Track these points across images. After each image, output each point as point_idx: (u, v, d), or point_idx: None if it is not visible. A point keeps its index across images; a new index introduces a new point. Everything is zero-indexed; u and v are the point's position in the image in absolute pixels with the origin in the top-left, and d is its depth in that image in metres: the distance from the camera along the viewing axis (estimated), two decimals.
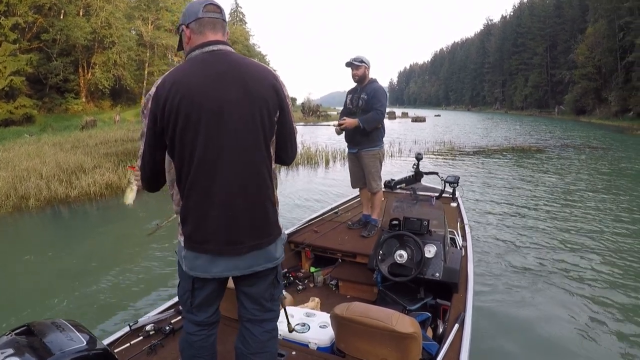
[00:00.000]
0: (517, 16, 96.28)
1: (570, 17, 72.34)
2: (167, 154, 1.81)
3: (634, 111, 43.38)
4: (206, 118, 1.69)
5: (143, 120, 1.77)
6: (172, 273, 5.43)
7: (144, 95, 39.98)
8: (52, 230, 7.79)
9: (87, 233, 7.41)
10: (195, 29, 1.79)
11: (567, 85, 66.54)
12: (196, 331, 1.95)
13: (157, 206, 7.95)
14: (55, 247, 6.57)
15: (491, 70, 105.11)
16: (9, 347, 1.66)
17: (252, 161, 1.78)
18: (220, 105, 1.71)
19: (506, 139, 25.20)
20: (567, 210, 8.34)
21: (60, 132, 23.65)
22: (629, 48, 45.86)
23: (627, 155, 17.87)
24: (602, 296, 4.65)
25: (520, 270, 5.35)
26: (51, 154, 13.70)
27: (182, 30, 1.83)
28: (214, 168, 1.72)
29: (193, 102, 1.68)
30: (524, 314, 4.29)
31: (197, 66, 1.75)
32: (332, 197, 8.22)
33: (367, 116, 4.27)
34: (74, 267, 5.78)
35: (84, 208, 8.85)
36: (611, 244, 6.35)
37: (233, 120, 1.73)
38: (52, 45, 30.37)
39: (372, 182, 4.49)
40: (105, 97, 37.17)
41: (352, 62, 4.38)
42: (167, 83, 1.69)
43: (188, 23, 1.80)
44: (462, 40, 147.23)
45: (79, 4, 33.21)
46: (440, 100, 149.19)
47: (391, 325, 2.11)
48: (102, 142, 19.48)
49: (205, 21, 1.79)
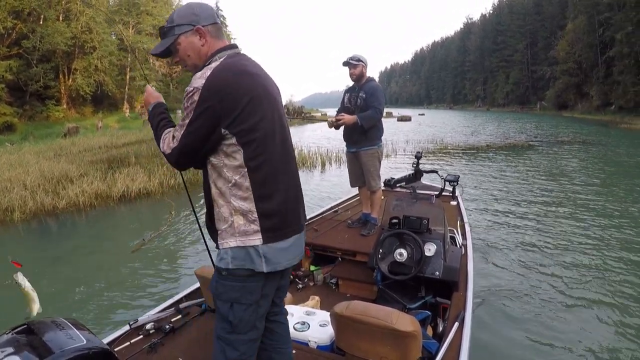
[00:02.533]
0: (496, 14, 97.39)
1: (550, 14, 73.28)
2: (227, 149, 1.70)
3: (615, 105, 44.01)
4: (276, 108, 1.81)
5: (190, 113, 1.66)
6: (172, 274, 5.62)
7: (126, 101, 39.87)
8: (39, 244, 7.32)
9: (78, 245, 6.99)
10: (213, 33, 1.80)
11: (548, 81, 67.43)
12: (253, 353, 1.85)
13: (152, 216, 7.71)
14: (43, 262, 6.19)
15: (472, 68, 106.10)
16: (9, 345, 1.64)
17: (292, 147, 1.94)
18: (277, 99, 1.84)
19: (498, 136, 25.31)
20: (568, 207, 8.29)
21: (42, 140, 23.12)
22: (610, 43, 46.55)
23: (620, 148, 18.10)
24: (603, 294, 4.62)
25: (520, 269, 5.33)
26: (34, 162, 13.28)
27: (191, 30, 1.76)
28: (287, 156, 1.84)
29: (267, 93, 1.76)
30: (524, 312, 4.27)
31: (247, 61, 1.79)
32: (330, 200, 7.96)
33: (365, 114, 4.28)
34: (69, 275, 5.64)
35: (73, 219, 8.41)
36: (613, 240, 6.31)
37: (282, 112, 1.86)
38: (32, 51, 29.60)
39: (371, 181, 4.49)
40: (87, 104, 36.33)
41: (349, 61, 4.40)
42: (228, 74, 1.67)
43: (206, 25, 1.77)
44: (442, 39, 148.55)
45: (58, 8, 32.44)
46: (422, 99, 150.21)
47: (391, 324, 2.10)
48: (85, 150, 19.23)
49: (219, 27, 1.84)
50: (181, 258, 6.15)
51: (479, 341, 3.50)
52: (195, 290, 3.25)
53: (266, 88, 1.76)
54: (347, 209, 5.33)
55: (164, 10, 46.25)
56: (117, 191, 9.38)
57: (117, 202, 9.06)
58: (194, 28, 1.74)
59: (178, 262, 6.03)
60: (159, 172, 11.31)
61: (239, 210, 1.70)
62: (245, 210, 1.69)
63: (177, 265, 5.93)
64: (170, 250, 6.44)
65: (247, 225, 1.69)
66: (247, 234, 1.69)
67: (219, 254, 1.76)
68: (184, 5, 1.84)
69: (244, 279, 1.71)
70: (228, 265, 1.70)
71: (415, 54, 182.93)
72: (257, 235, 1.69)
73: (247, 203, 1.70)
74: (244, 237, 1.69)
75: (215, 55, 1.76)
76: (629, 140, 21.58)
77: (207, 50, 1.78)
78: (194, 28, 1.74)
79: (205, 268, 2.82)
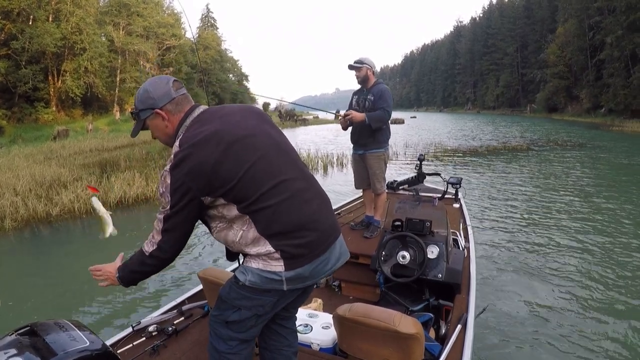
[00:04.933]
0: (486, 17, 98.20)
1: (540, 18, 73.97)
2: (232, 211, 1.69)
3: (605, 108, 44.50)
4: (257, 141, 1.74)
5: (170, 198, 1.63)
6: (174, 276, 5.52)
7: (116, 103, 39.41)
8: (33, 253, 6.91)
9: (76, 253, 6.68)
10: (173, 110, 1.77)
11: (538, 84, 68.07)
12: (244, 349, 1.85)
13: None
14: (40, 269, 5.91)
15: (462, 71, 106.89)
16: (12, 347, 1.63)
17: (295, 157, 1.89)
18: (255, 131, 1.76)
19: (496, 138, 25.43)
20: (570, 210, 8.27)
21: (32, 143, 22.68)
22: (600, 46, 47.04)
23: (618, 151, 18.26)
24: (608, 297, 4.60)
25: (523, 271, 5.31)
26: (24, 166, 12.93)
27: (152, 114, 1.77)
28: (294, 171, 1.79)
29: (238, 136, 1.69)
30: (527, 315, 4.26)
31: (204, 119, 1.75)
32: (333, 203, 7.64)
33: (374, 113, 4.31)
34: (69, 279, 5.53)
35: (68, 227, 8.02)
36: (619, 243, 6.28)
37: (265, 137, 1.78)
38: (21, 52, 29.04)
39: (376, 184, 4.53)
40: (77, 106, 35.73)
41: (353, 64, 4.47)
42: (190, 150, 1.63)
43: (163, 105, 1.76)
44: (432, 42, 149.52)
45: (48, 9, 31.89)
46: (412, 102, 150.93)
47: (393, 326, 2.07)
48: (76, 153, 19.03)
49: (179, 99, 1.78)
50: (184, 260, 5.96)
51: (482, 344, 3.58)
52: (198, 292, 3.24)
53: (232, 131, 1.69)
54: (350, 211, 5.36)
55: (154, 12, 45.90)
56: (114, 197, 9.09)
57: (114, 209, 8.70)
58: (153, 112, 1.76)
59: (181, 264, 5.88)
60: (156, 176, 11.02)
61: (258, 255, 1.70)
62: (263, 253, 1.68)
63: (180, 267, 5.81)
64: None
65: (270, 256, 1.68)
66: (269, 261, 1.68)
67: (241, 266, 1.78)
68: (141, 89, 1.80)
69: (261, 292, 1.72)
70: (245, 282, 1.71)
71: (406, 56, 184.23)
72: (279, 262, 1.68)
73: (263, 247, 1.68)
74: (266, 262, 1.68)
75: (179, 129, 1.76)
76: (629, 143, 21.85)
77: (172, 127, 1.79)
78: (153, 112, 1.76)
79: (208, 270, 2.79)
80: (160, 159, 15.79)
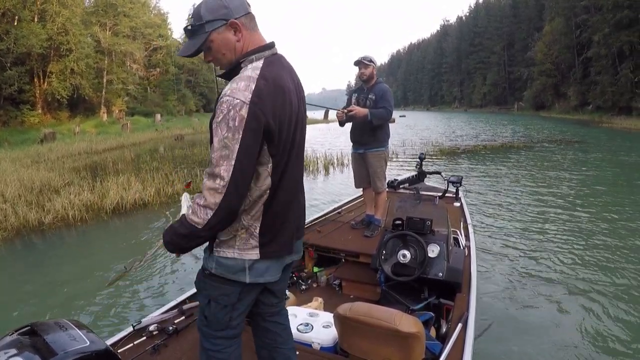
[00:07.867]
0: (473, 16, 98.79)
1: (527, 16, 74.55)
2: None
3: (593, 105, 44.93)
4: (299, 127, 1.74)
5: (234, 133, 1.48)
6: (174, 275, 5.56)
7: (103, 105, 38.85)
8: (27, 263, 6.46)
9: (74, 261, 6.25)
10: (248, 24, 1.63)
11: (525, 82, 68.56)
12: (228, 347, 1.83)
13: (150, 231, 7.15)
14: (38, 274, 5.54)
15: (449, 69, 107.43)
16: (12, 347, 1.63)
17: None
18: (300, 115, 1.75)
19: (490, 137, 25.41)
20: (571, 208, 8.21)
21: (18, 146, 22.07)
22: (587, 44, 47.48)
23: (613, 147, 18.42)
24: (609, 296, 4.58)
25: (523, 270, 5.30)
26: (12, 171, 12.43)
27: (224, 25, 1.57)
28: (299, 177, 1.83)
29: (294, 111, 1.67)
30: (527, 314, 4.25)
31: (284, 70, 1.68)
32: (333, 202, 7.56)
33: (377, 110, 4.30)
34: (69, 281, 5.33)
35: (61, 235, 7.58)
36: (619, 242, 6.22)
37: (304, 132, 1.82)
38: (6, 53, 28.34)
39: (377, 182, 4.56)
40: (63, 108, 35.01)
41: (361, 60, 4.40)
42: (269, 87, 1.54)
43: (239, 17, 1.58)
44: (419, 41, 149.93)
45: (33, 9, 31.22)
46: (399, 101, 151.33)
47: (394, 325, 2.10)
48: (64, 156, 18.69)
49: (252, 16, 1.65)
50: (184, 259, 5.78)
51: (483, 343, 3.57)
52: None
53: (297, 107, 1.71)
54: (351, 210, 5.39)
55: (141, 12, 45.40)
56: (110, 202, 8.65)
57: (111, 215, 8.35)
58: (227, 22, 1.57)
59: (181, 264, 5.76)
60: (155, 179, 10.74)
61: (245, 227, 1.66)
62: (252, 228, 1.66)
63: (180, 267, 5.70)
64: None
65: (247, 240, 1.67)
66: (245, 249, 1.67)
67: (209, 256, 1.73)
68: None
69: (223, 281, 1.71)
70: (211, 270, 1.70)
71: (392, 56, 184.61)
72: (254, 250, 1.68)
73: (254, 221, 1.66)
74: (242, 250, 1.67)
75: (252, 54, 1.62)
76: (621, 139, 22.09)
77: (243, 45, 1.63)
78: (227, 22, 1.57)
79: None
80: (152, 161, 15.40)
